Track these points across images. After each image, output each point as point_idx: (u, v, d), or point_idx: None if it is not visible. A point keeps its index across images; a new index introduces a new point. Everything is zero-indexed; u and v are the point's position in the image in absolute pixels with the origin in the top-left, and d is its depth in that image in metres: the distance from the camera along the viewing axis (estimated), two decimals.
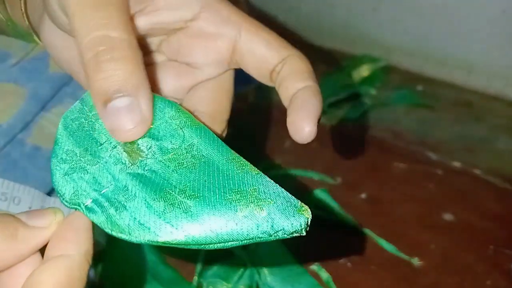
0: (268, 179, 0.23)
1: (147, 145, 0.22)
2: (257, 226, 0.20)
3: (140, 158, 0.22)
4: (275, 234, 0.21)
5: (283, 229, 0.21)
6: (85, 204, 0.21)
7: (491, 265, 0.43)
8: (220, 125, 0.28)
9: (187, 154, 0.22)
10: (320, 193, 0.50)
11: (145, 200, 0.20)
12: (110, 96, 0.20)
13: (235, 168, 0.23)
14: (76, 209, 0.21)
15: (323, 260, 0.44)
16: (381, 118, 0.63)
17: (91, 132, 0.22)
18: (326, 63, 0.75)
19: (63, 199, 0.21)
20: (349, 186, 0.52)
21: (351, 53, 0.76)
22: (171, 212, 0.20)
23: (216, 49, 0.26)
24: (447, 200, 0.50)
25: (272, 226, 0.21)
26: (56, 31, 0.25)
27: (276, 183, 0.23)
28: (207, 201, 0.21)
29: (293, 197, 0.22)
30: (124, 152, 0.22)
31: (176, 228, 0.20)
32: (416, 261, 0.44)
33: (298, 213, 0.21)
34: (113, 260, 0.45)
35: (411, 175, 0.54)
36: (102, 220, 0.20)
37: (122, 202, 0.20)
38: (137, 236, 0.20)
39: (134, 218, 0.20)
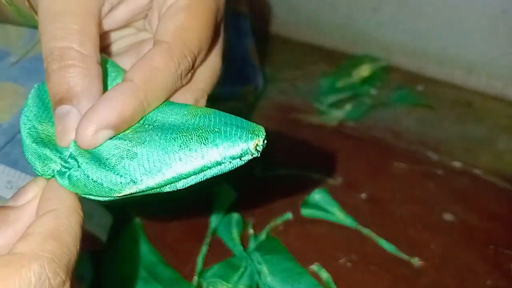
0: (224, 115, 0.23)
1: None
2: (202, 156, 0.20)
3: None
4: (225, 161, 0.20)
5: (231, 154, 0.20)
6: (56, 170, 0.22)
7: (491, 265, 0.43)
8: (193, 94, 0.26)
9: (141, 127, 0.23)
10: (320, 193, 0.50)
11: (97, 160, 0.21)
12: (56, 103, 0.22)
13: (188, 118, 0.23)
14: (50, 177, 0.22)
15: (323, 260, 0.44)
16: (381, 118, 0.63)
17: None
18: (326, 63, 0.75)
19: (37, 170, 0.23)
20: (349, 186, 0.52)
21: (351, 53, 0.76)
22: (119, 164, 0.21)
23: None
24: (447, 200, 0.50)
25: (219, 153, 0.20)
26: None
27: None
28: (152, 145, 0.21)
29: (249, 122, 0.22)
30: None
31: (124, 177, 0.21)
32: (416, 261, 0.44)
33: (247, 134, 0.21)
34: (113, 260, 0.45)
35: (411, 175, 0.54)
36: (66, 184, 0.22)
37: (79, 164, 0.22)
38: (98, 193, 0.21)
39: (87, 176, 0.21)
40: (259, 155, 0.21)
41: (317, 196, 0.50)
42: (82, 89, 0.22)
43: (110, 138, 0.22)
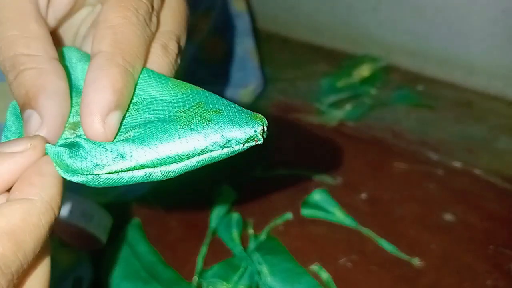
0: (217, 96, 0.22)
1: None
2: (205, 137, 0.19)
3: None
4: (228, 145, 0.19)
5: (236, 137, 0.19)
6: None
7: (491, 265, 0.43)
8: (158, 39, 0.24)
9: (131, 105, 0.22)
10: (320, 193, 0.50)
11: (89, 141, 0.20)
12: (22, 110, 0.21)
13: (178, 92, 0.22)
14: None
15: (323, 260, 0.44)
16: (381, 118, 0.63)
17: None
18: (326, 63, 0.75)
19: None
20: (349, 186, 0.52)
21: (351, 53, 0.76)
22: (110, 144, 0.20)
23: None
24: (447, 200, 0.50)
25: (222, 135, 0.19)
26: None
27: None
28: (147, 122, 0.20)
29: (246, 109, 0.21)
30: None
31: (111, 151, 0.19)
32: (416, 261, 0.44)
33: (251, 119, 0.20)
34: (113, 260, 0.45)
35: (411, 175, 0.53)
36: (53, 152, 0.20)
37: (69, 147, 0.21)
38: (80, 169, 0.20)
39: (72, 148, 0.20)
40: (261, 142, 0.20)
41: (317, 196, 0.50)
42: (38, 89, 0.21)
43: None
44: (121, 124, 0.21)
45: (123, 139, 0.20)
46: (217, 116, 0.20)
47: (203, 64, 0.59)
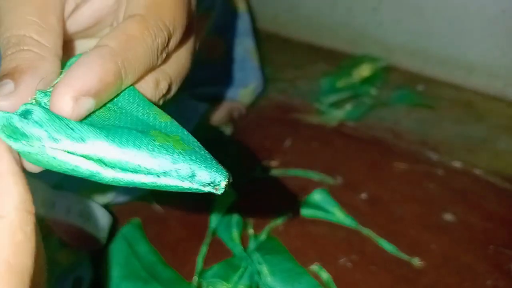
0: (193, 137, 0.21)
1: None
2: (173, 161, 0.19)
3: None
4: (191, 180, 0.19)
5: (201, 177, 0.19)
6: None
7: (491, 265, 0.43)
8: (156, 73, 0.24)
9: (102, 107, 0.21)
10: (320, 193, 0.50)
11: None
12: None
13: (158, 119, 0.21)
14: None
15: (323, 260, 0.44)
16: (382, 118, 0.63)
17: None
18: (326, 63, 0.75)
19: None
20: (349, 186, 0.52)
21: (352, 53, 0.76)
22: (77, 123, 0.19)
23: None
24: (448, 200, 0.50)
25: (190, 168, 0.19)
26: None
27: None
28: (123, 129, 0.19)
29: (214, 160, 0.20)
30: None
31: (75, 131, 0.18)
32: (416, 261, 0.44)
33: (221, 169, 0.19)
34: (113, 260, 0.45)
35: (412, 175, 0.53)
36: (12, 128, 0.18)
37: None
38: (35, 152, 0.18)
39: (37, 121, 0.19)
40: (219, 193, 0.19)
41: (317, 196, 0.50)
42: (29, 68, 0.20)
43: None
44: (88, 116, 0.20)
45: (92, 125, 0.19)
46: (191, 151, 0.19)
47: (203, 64, 0.59)
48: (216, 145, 0.61)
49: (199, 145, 0.21)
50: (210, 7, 0.55)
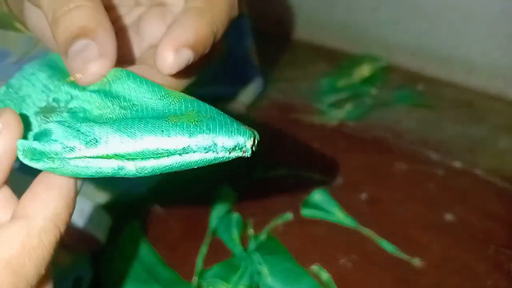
0: (211, 106, 0.21)
1: (70, 107, 0.22)
2: (190, 135, 0.18)
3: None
4: (213, 149, 0.18)
5: (223, 143, 0.18)
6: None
7: (491, 265, 0.43)
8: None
9: (114, 107, 0.21)
10: (320, 193, 0.50)
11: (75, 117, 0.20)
12: (71, 41, 0.21)
13: (171, 101, 0.21)
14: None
15: (323, 261, 0.44)
16: (382, 118, 0.63)
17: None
18: (326, 62, 0.75)
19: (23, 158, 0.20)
20: (349, 186, 0.52)
21: (352, 52, 0.76)
22: (87, 125, 0.19)
23: None
24: (448, 200, 0.50)
25: (208, 137, 0.18)
26: (37, 11, 0.25)
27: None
28: (133, 120, 0.19)
29: (240, 121, 0.20)
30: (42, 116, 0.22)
31: (86, 134, 0.19)
32: (416, 261, 0.44)
33: (244, 129, 0.19)
34: (113, 260, 0.45)
35: (412, 175, 0.53)
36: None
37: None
38: (47, 152, 0.19)
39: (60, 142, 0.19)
40: (249, 156, 0.19)
41: (317, 196, 0.49)
42: (97, 25, 0.21)
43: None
44: (102, 119, 0.21)
45: (101, 123, 0.19)
46: (208, 120, 0.19)
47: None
48: None
49: (218, 111, 0.20)
50: None
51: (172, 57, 0.21)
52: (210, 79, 0.61)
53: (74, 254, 0.43)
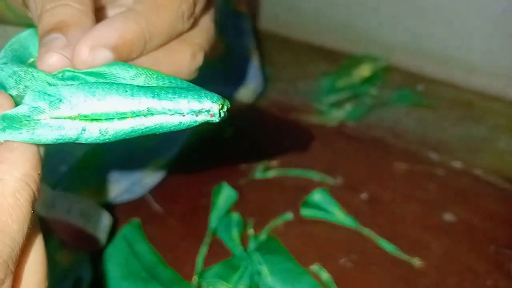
0: (185, 81, 0.21)
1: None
2: (156, 96, 0.18)
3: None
4: (179, 111, 0.18)
5: (189, 105, 0.18)
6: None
7: (491, 265, 0.43)
8: (191, 46, 0.26)
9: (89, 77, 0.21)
10: (320, 193, 0.50)
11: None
12: (44, 34, 0.22)
13: (144, 79, 0.21)
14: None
15: (323, 260, 0.44)
16: (382, 118, 0.63)
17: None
18: (326, 63, 0.75)
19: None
20: (349, 186, 0.52)
21: (352, 52, 0.76)
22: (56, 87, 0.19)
23: None
24: (448, 200, 0.50)
25: (175, 98, 0.18)
26: None
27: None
28: (103, 85, 0.19)
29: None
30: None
31: (52, 95, 0.19)
32: (416, 261, 0.44)
33: (213, 95, 0.19)
34: (112, 260, 0.45)
35: (412, 175, 0.53)
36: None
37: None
38: (18, 118, 0.19)
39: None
40: (217, 121, 0.19)
41: (317, 196, 0.49)
42: (75, 23, 0.21)
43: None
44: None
45: (68, 85, 0.19)
46: (175, 86, 0.19)
47: (203, 64, 0.58)
48: (216, 145, 0.61)
49: (189, 83, 0.20)
50: None
51: (86, 54, 0.21)
52: (210, 79, 0.61)
53: (74, 254, 0.43)
